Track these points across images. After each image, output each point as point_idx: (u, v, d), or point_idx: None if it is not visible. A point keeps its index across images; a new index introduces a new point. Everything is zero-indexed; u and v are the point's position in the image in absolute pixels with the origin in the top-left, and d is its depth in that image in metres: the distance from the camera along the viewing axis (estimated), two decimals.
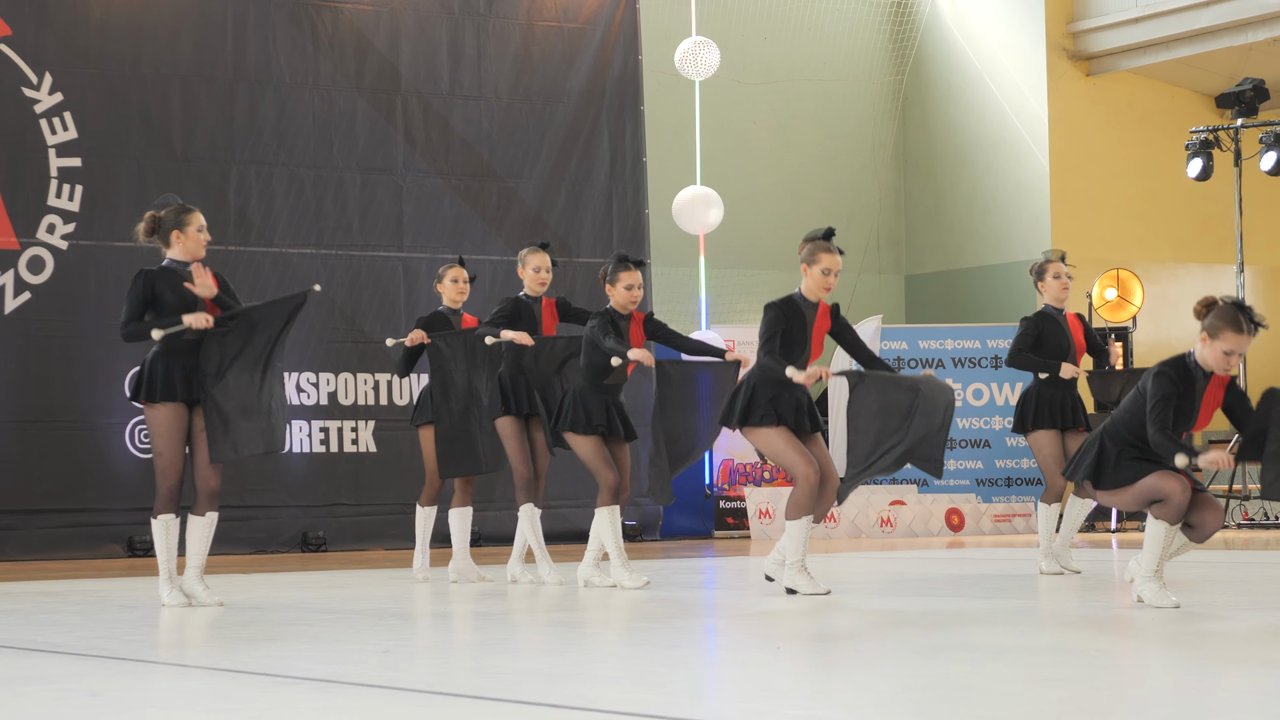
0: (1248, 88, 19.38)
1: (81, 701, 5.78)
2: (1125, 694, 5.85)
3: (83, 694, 5.99)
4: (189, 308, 9.74)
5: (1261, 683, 5.87)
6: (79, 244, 16.86)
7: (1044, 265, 12.10)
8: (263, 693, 5.96)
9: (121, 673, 6.65)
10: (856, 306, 22.26)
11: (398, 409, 18.00)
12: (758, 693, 5.84)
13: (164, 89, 17.34)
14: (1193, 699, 5.52)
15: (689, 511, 19.93)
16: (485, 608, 9.78)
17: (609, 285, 11.06)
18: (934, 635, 7.68)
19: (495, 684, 6.04)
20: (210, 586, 10.10)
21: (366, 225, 18.09)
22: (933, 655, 6.87)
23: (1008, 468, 20.27)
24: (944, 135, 23.21)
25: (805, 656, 6.89)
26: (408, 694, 5.84)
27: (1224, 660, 6.58)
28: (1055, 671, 6.31)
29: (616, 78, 19.28)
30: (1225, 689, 5.72)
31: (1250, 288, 22.72)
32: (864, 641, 7.45)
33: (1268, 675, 6.07)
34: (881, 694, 5.78)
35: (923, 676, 6.22)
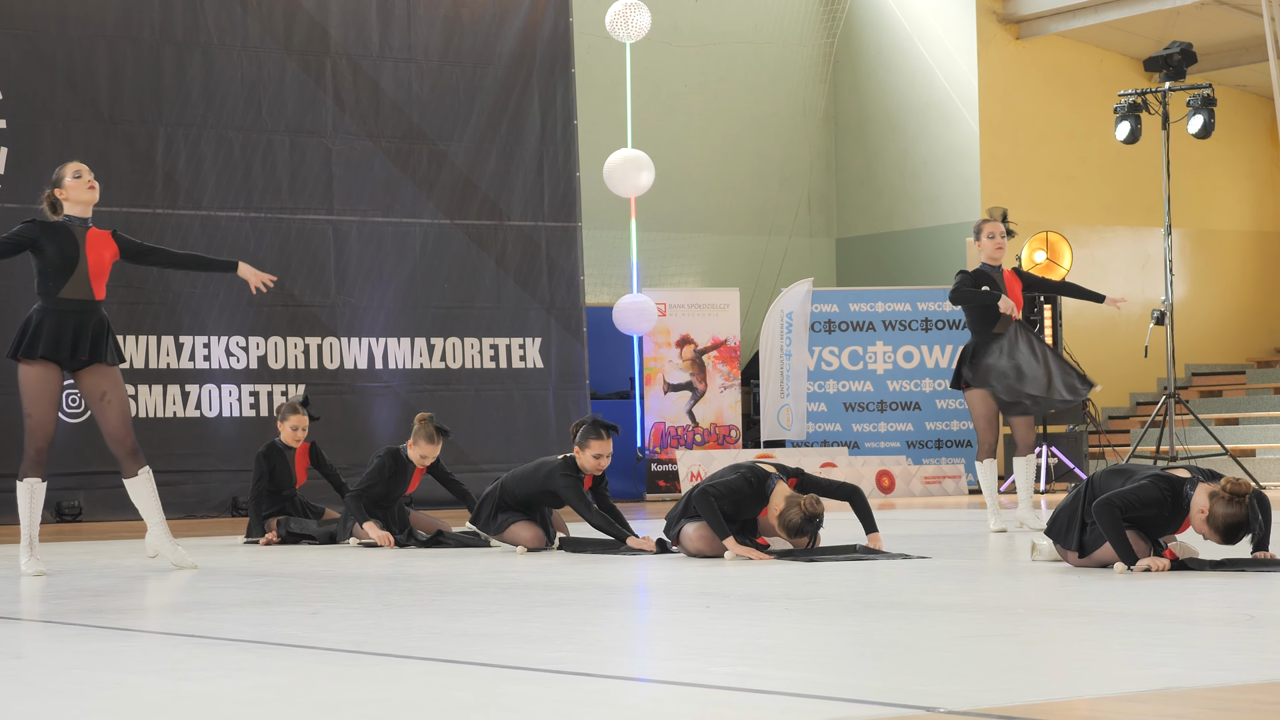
0: (1175, 51, 19.45)
1: (4, 664, 5.74)
2: (1053, 649, 5.88)
3: (6, 656, 5.94)
4: (69, 265, 9.48)
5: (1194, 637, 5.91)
6: (4, 207, 16.70)
7: (981, 224, 12.21)
8: (190, 654, 5.93)
9: (46, 636, 6.61)
10: (787, 269, 22.29)
11: (328, 372, 17.94)
12: (686, 651, 5.84)
13: (90, 49, 17.20)
14: (1116, 653, 5.54)
15: (622, 474, 19.94)
16: (421, 571, 9.76)
17: (577, 447, 10.77)
18: (863, 594, 7.70)
19: (424, 644, 6.03)
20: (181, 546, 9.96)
21: (296, 188, 18.00)
22: (861, 613, 6.89)
23: (938, 430, 20.35)
24: (875, 99, 23.23)
25: (734, 615, 6.89)
26: (335, 654, 5.81)
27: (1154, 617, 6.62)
28: (981, 628, 6.33)
29: (547, 40, 19.22)
30: (1150, 644, 5.75)
31: (1177, 250, 22.84)
32: (793, 600, 7.46)
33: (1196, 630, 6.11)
34: (809, 651, 5.79)
35: (851, 634, 6.23)
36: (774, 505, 9.73)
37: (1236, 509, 8.15)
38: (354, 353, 18.15)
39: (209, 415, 17.49)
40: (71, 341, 9.44)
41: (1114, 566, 8.45)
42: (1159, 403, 19.29)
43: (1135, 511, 8.36)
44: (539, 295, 19.02)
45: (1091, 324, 22.70)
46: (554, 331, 19.04)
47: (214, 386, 17.54)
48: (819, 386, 20.38)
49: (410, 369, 18.35)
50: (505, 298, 18.85)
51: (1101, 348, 22.54)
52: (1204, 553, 8.86)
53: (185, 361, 17.45)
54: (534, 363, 18.96)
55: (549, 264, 19.10)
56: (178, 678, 5.30)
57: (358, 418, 18.09)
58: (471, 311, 18.69)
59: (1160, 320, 19.06)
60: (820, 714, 4.35)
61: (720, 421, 20.39)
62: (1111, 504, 8.32)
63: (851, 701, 4.52)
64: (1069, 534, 8.78)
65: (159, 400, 17.28)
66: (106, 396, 9.53)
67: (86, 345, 9.47)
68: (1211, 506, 8.19)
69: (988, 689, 4.74)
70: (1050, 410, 12.68)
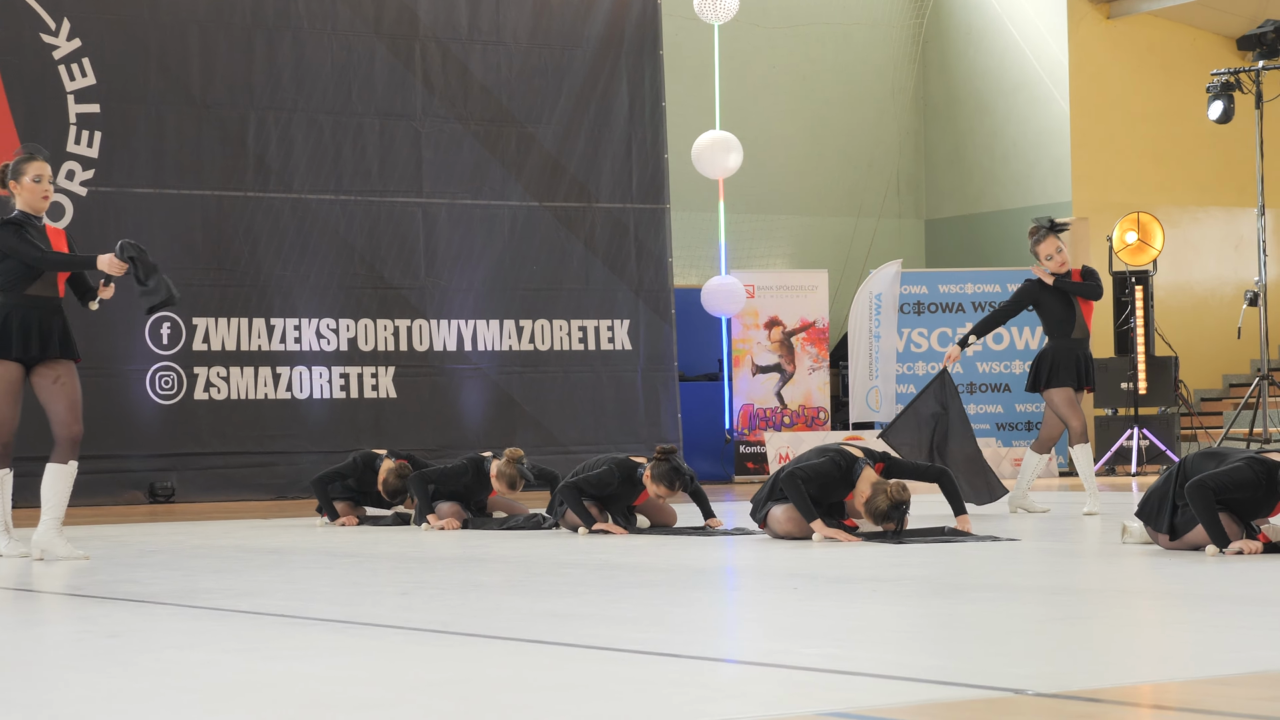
0: (1269, 30, 19.25)
1: (100, 643, 5.80)
2: (1142, 632, 5.85)
3: (102, 635, 6.01)
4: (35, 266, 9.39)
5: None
6: (98, 190, 16.87)
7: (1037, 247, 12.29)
8: (279, 633, 5.98)
9: (140, 614, 6.68)
10: (876, 251, 22.22)
11: (417, 354, 18.02)
12: (774, 633, 5.85)
13: (182, 35, 17.32)
14: (1207, 636, 5.51)
15: (709, 456, 19.95)
16: (509, 552, 9.80)
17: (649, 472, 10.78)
18: (951, 577, 7.68)
19: (512, 624, 6.05)
20: (72, 540, 9.73)
21: (385, 171, 18.07)
22: (949, 596, 6.87)
23: (1027, 412, 20.24)
24: (964, 79, 23.12)
25: (822, 597, 6.89)
26: (424, 634, 5.85)
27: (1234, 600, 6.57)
28: (1071, 611, 6.30)
29: (635, 22, 19.22)
30: (1237, 626, 5.72)
31: (1271, 230, 22.64)
32: (881, 582, 7.45)
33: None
34: (896, 633, 5.79)
35: (939, 616, 6.22)
36: (860, 491, 9.72)
37: None
38: (443, 335, 18.22)
39: (299, 397, 17.60)
40: (39, 339, 9.40)
41: (1206, 549, 8.40)
42: (1252, 384, 19.12)
43: (1228, 494, 8.30)
44: (627, 277, 19.03)
45: (1184, 305, 22.53)
46: (642, 313, 19.05)
47: (304, 368, 17.65)
48: (908, 368, 20.31)
49: (499, 351, 18.40)
50: (593, 280, 18.87)
51: (1194, 329, 22.37)
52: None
53: (276, 343, 17.56)
54: (622, 345, 18.98)
55: (637, 246, 19.11)
56: (268, 657, 5.34)
57: (446, 400, 18.15)
58: (560, 293, 18.72)
59: (1254, 301, 18.90)
60: (907, 695, 4.34)
61: (808, 403, 20.36)
62: (1205, 486, 8.27)
63: (938, 684, 4.52)
64: (1160, 516, 8.73)
65: (250, 382, 17.40)
66: (60, 380, 9.43)
67: (54, 341, 9.44)
68: None
69: (1076, 672, 4.72)
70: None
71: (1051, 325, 12.29)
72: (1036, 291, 12.28)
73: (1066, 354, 12.17)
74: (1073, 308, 12.23)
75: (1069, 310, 12.23)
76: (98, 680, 4.90)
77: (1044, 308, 12.28)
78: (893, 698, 4.31)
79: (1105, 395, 19.84)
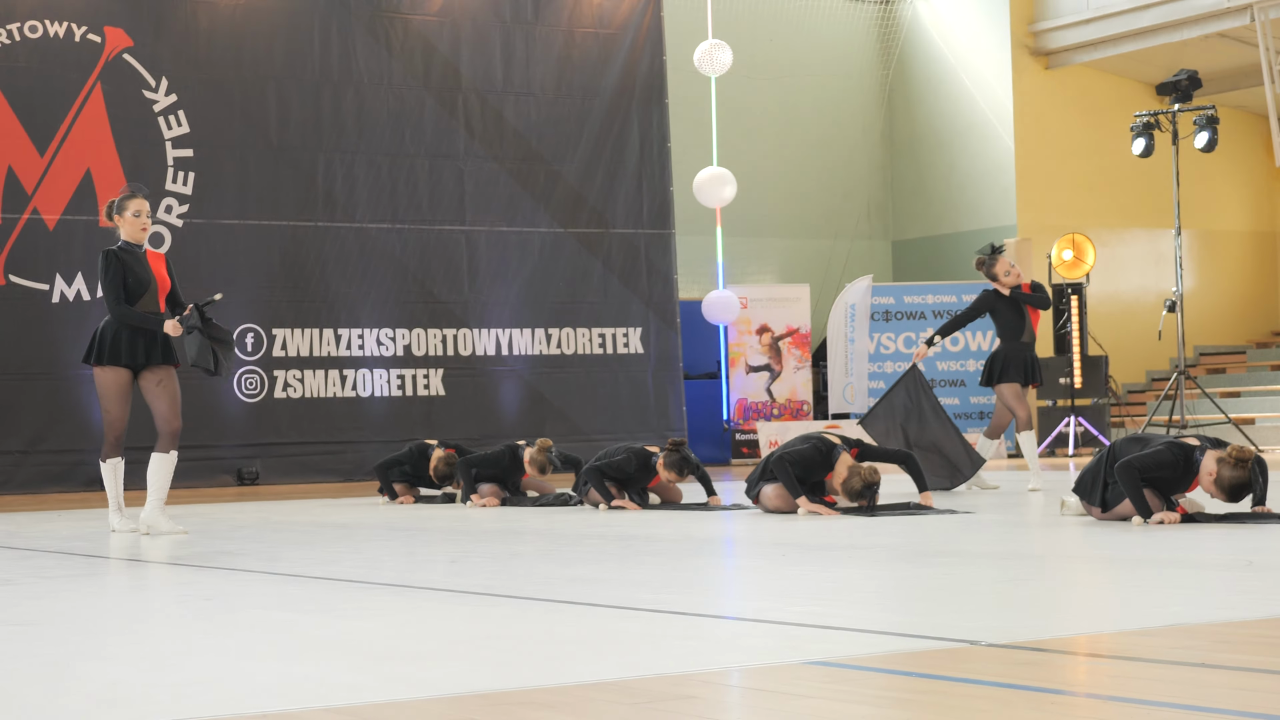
0: (1183, 78, 19.23)
1: (198, 605, 5.82)
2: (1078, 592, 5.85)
3: (199, 599, 6.03)
4: (141, 287, 9.44)
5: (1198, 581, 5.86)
6: (192, 222, 16.90)
7: (993, 269, 12.19)
8: (349, 597, 6.00)
9: (230, 581, 6.69)
10: (850, 268, 22.21)
11: (462, 358, 18.03)
12: (767, 593, 5.85)
13: (261, 89, 17.35)
14: (1133, 594, 5.51)
15: (710, 443, 19.95)
16: (542, 526, 9.80)
17: (662, 459, 10.82)
18: (916, 545, 7.68)
19: (544, 588, 6.06)
20: (173, 517, 9.85)
21: (434, 203, 18.09)
22: (915, 561, 6.87)
23: (980, 404, 20.22)
24: (925, 120, 23.10)
25: (807, 563, 6.89)
26: (469, 596, 5.86)
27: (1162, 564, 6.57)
28: (1017, 573, 6.30)
29: (644, 75, 19.23)
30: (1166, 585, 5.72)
31: (1186, 248, 22.61)
32: (857, 550, 7.46)
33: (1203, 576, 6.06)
34: (870, 593, 5.79)
35: (906, 578, 6.22)
36: (839, 473, 9.73)
37: (1240, 472, 8.09)
38: (484, 341, 18.22)
39: (363, 395, 17.62)
40: (144, 348, 9.43)
41: (1133, 520, 8.40)
42: (1171, 379, 19.10)
43: (1152, 473, 8.30)
44: (639, 292, 19.03)
45: (1113, 312, 22.49)
46: (652, 322, 19.05)
47: (367, 371, 17.66)
48: (878, 367, 20.29)
49: (531, 355, 18.41)
50: (611, 294, 18.87)
51: (1122, 331, 22.33)
52: (1210, 509, 8.78)
53: (343, 350, 17.57)
54: (635, 349, 18.98)
55: (647, 265, 19.10)
56: (339, 616, 5.35)
57: (486, 396, 18.17)
58: (582, 306, 18.72)
59: (1172, 308, 18.88)
60: (878, 647, 4.35)
61: (794, 398, 20.34)
62: (1131, 466, 8.26)
63: (906, 636, 4.52)
64: (1093, 492, 8.73)
65: (321, 383, 17.42)
66: (162, 382, 9.47)
67: (157, 350, 9.46)
68: (1219, 470, 8.12)
69: (1022, 626, 4.72)
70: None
71: (1004, 329, 12.28)
72: (993, 300, 12.26)
73: (1016, 354, 12.16)
74: (1023, 315, 12.21)
75: (1020, 318, 12.22)
76: (195, 637, 4.91)
77: (999, 315, 12.27)
78: (867, 649, 4.31)
79: (1046, 389, 19.84)
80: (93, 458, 13.32)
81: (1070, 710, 3.46)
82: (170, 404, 9.49)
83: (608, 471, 10.96)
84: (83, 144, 16.52)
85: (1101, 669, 4.06)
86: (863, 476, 9.59)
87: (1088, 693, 3.70)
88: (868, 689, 3.77)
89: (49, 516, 12.11)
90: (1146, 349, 22.34)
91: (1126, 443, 8.60)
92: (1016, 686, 3.69)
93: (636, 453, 10.98)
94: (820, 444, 9.81)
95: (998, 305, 12.24)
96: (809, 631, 4.67)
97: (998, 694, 3.61)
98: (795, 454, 9.77)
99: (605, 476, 10.95)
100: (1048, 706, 3.47)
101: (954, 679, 3.84)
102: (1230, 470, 8.09)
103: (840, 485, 9.71)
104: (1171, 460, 8.25)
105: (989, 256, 12.29)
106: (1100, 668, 4.08)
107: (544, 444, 11.82)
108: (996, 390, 12.23)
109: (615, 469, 10.95)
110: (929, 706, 3.53)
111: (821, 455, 9.77)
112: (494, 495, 11.87)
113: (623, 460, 10.94)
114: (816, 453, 9.77)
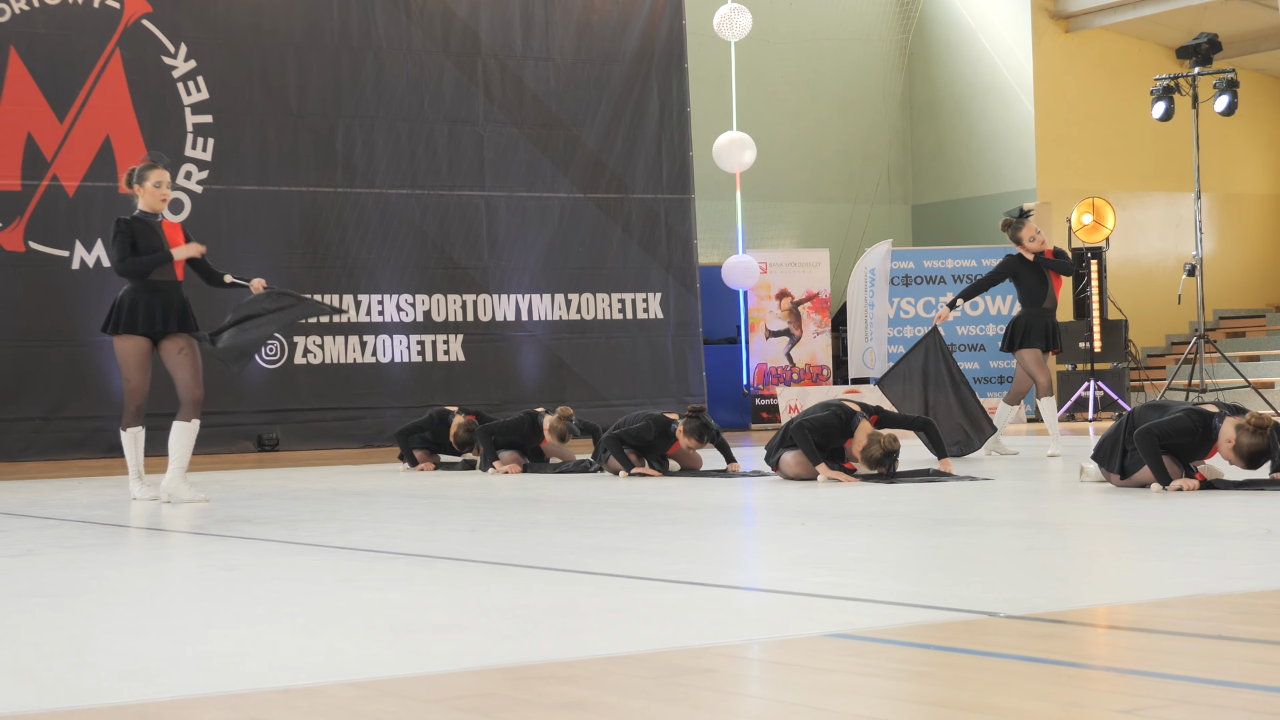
0: (1203, 41, 19.12)
1: (219, 575, 5.84)
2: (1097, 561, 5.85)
3: (219, 569, 6.05)
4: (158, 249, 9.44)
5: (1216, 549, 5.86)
6: (211, 188, 16.91)
7: (1019, 233, 12.13)
8: (368, 567, 6.01)
9: (251, 550, 6.71)
10: (870, 233, 22.17)
11: (482, 324, 18.05)
12: (786, 563, 5.85)
13: (281, 55, 17.33)
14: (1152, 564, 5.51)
15: (730, 408, 19.95)
16: (561, 494, 9.81)
17: (682, 426, 10.87)
18: (935, 512, 7.68)
19: (563, 557, 6.07)
20: (194, 484, 9.87)
21: (453, 169, 18.07)
22: (934, 529, 6.87)
23: (999, 368, 20.19)
24: (944, 85, 23.02)
25: (826, 532, 6.89)
26: (489, 565, 5.87)
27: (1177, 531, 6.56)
28: (1037, 542, 6.30)
29: (663, 40, 19.17)
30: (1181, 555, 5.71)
31: (1206, 211, 22.53)
32: (876, 518, 7.46)
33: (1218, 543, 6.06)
34: (889, 563, 5.79)
35: (925, 547, 6.22)
36: (858, 440, 9.73)
37: (1259, 439, 8.07)
38: (504, 307, 18.23)
39: (383, 361, 17.64)
40: (162, 316, 9.42)
41: (1151, 487, 8.39)
42: (1191, 342, 19.06)
43: (1170, 440, 8.28)
44: (659, 257, 19.02)
45: (1133, 276, 22.43)
46: (672, 287, 19.03)
47: (387, 336, 17.68)
48: (898, 331, 20.27)
49: (551, 320, 18.42)
50: (630, 259, 18.86)
51: (1141, 295, 22.27)
52: (1229, 476, 8.77)
53: (363, 316, 17.59)
54: (655, 314, 18.97)
55: (667, 230, 19.08)
56: (359, 587, 5.36)
57: (507, 361, 18.19)
58: (602, 271, 18.72)
59: (1191, 272, 18.82)
60: (897, 618, 4.35)
61: (814, 362, 20.33)
62: (1150, 433, 8.25)
63: (924, 608, 4.52)
64: (1112, 459, 8.71)
65: (341, 349, 17.45)
66: (183, 350, 9.47)
67: (174, 318, 9.46)
68: (1237, 437, 8.11)
69: (1041, 596, 4.72)
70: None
71: (1026, 295, 12.22)
72: (1017, 265, 12.21)
73: (1037, 320, 12.12)
74: (1045, 281, 12.17)
75: (1042, 284, 12.17)
76: (217, 608, 4.93)
77: (1021, 280, 12.21)
78: (885, 620, 4.31)
79: (1065, 353, 19.80)
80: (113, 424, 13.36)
81: (1088, 684, 3.46)
82: (193, 372, 9.50)
83: (626, 439, 10.97)
84: (102, 110, 16.52)
85: (1119, 641, 4.06)
86: (882, 444, 9.58)
87: (1106, 666, 3.70)
88: (886, 662, 3.77)
89: (70, 484, 12.15)
90: (1166, 313, 22.28)
91: (1145, 410, 8.58)
92: (1035, 660, 3.69)
93: (656, 420, 10.99)
94: (840, 411, 9.81)
95: (1021, 270, 12.18)
96: (828, 602, 4.67)
97: (1016, 667, 3.61)
98: (815, 420, 9.77)
99: (624, 444, 10.96)
100: (1065, 680, 3.47)
101: (973, 651, 3.84)
102: (1249, 437, 8.07)
103: (860, 453, 9.71)
104: (1190, 427, 8.24)
105: (1016, 219, 12.25)
106: (1118, 640, 4.07)
107: (564, 412, 11.82)
108: (1017, 355, 12.20)
109: (634, 436, 10.96)
110: (947, 680, 3.53)
111: (841, 422, 9.77)
112: (515, 461, 11.89)
113: (642, 428, 10.94)
114: (836, 419, 9.77)
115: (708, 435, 10.76)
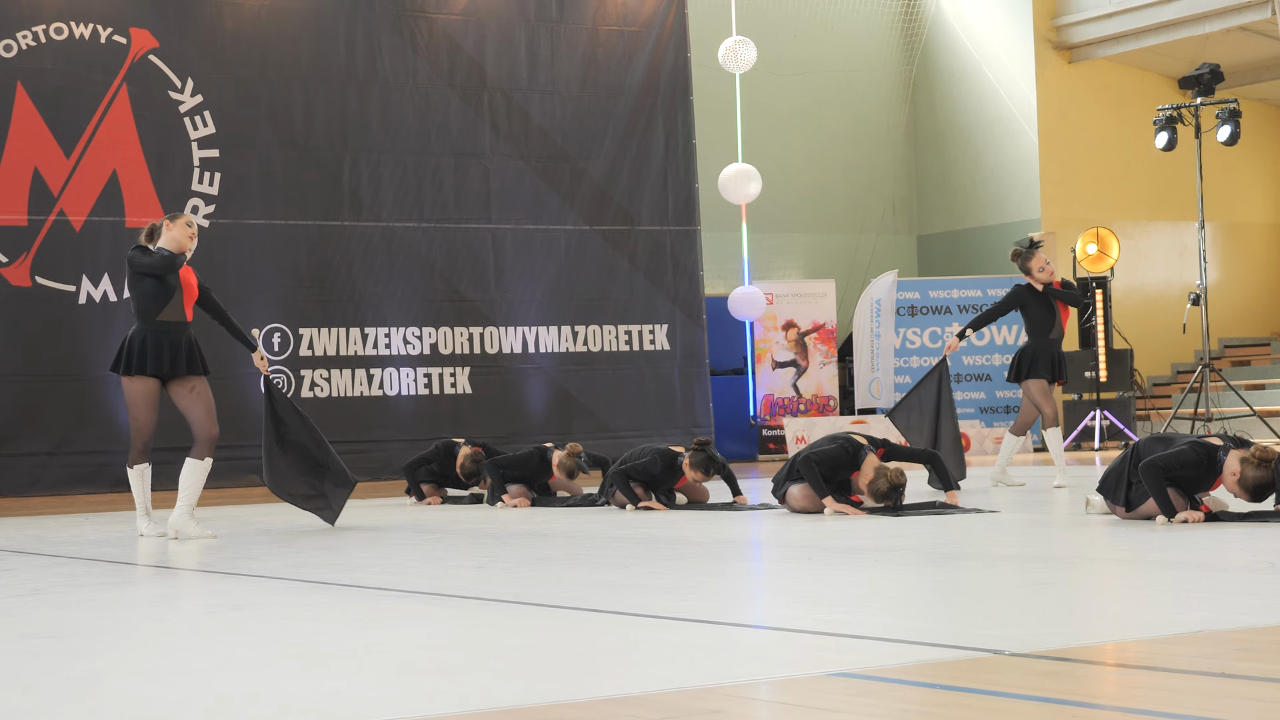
0: (1206, 71, 19.17)
1: (226, 615, 5.85)
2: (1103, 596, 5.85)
3: (227, 608, 6.05)
4: (168, 293, 9.50)
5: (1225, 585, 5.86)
6: (218, 222, 16.95)
7: (1028, 263, 12.12)
8: (376, 605, 6.02)
9: (258, 589, 6.72)
10: (876, 263, 22.19)
11: (489, 356, 18.06)
12: (791, 600, 5.86)
13: (287, 89, 17.39)
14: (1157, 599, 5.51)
15: (737, 439, 19.96)
16: (569, 528, 9.81)
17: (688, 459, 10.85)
18: (942, 546, 7.68)
19: (571, 594, 6.08)
20: (201, 520, 9.96)
21: (460, 202, 18.11)
22: (940, 564, 6.88)
23: (1005, 398, 20.20)
24: (949, 116, 23.07)
25: (832, 567, 6.90)
26: (497, 604, 5.87)
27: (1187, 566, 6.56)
28: (1043, 576, 6.30)
29: (669, 72, 19.23)
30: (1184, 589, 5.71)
31: (1210, 241, 22.54)
32: (882, 552, 7.46)
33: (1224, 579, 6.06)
34: (894, 599, 5.79)
35: (931, 583, 6.23)
36: (865, 474, 9.74)
37: (1264, 472, 8.08)
38: (510, 339, 18.25)
39: (390, 394, 17.66)
40: (170, 357, 9.50)
41: (1156, 519, 8.39)
42: (1196, 371, 19.05)
43: (1175, 472, 8.29)
44: (665, 288, 19.04)
45: (1138, 305, 22.45)
46: (678, 319, 19.05)
47: (394, 369, 17.70)
48: (904, 362, 20.28)
49: (557, 352, 18.44)
50: (637, 291, 18.88)
51: (1146, 325, 22.28)
52: (1233, 508, 8.77)
53: (369, 349, 17.62)
54: (662, 345, 18.99)
55: (673, 262, 19.11)
56: (365, 626, 5.37)
57: (513, 394, 18.20)
58: (608, 303, 18.74)
59: (1196, 301, 18.83)
60: (904, 657, 4.36)
61: (820, 393, 20.34)
62: (1155, 465, 8.26)
63: (931, 645, 4.53)
64: (1118, 491, 8.72)
65: (348, 382, 17.47)
66: (195, 390, 9.58)
67: (183, 358, 9.52)
68: (1242, 470, 8.12)
69: (1047, 633, 4.73)
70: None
71: (1033, 326, 12.20)
72: (1025, 296, 12.19)
73: (1044, 350, 12.11)
74: (1053, 312, 12.16)
75: (1050, 314, 12.16)
76: (224, 648, 4.94)
77: (1029, 311, 12.20)
78: (891, 659, 4.32)
79: (1071, 383, 19.80)
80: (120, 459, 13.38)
81: None
82: (206, 411, 9.58)
83: (633, 474, 10.98)
84: (109, 145, 16.58)
85: (1124, 679, 4.06)
86: (889, 478, 9.60)
87: (1111, 705, 3.71)
88: (892, 702, 3.78)
89: (77, 520, 12.17)
90: (1171, 342, 22.28)
91: (1150, 442, 8.60)
92: (1040, 699, 3.70)
93: (662, 454, 11.00)
94: (847, 444, 9.83)
95: (1029, 300, 12.17)
96: (834, 640, 4.68)
97: (1021, 707, 3.62)
98: (821, 454, 9.79)
99: (630, 479, 10.97)
100: None
101: (978, 690, 3.85)
102: (1254, 470, 8.08)
103: (866, 486, 9.72)
104: (1195, 459, 8.25)
105: (1026, 250, 12.28)
106: (1123, 678, 4.08)
107: (573, 449, 11.84)
108: (1023, 386, 12.19)
109: (640, 471, 10.97)
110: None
111: (848, 455, 9.79)
112: (523, 496, 11.90)
113: (648, 462, 10.95)
114: (843, 452, 9.79)
115: (714, 468, 10.78)
